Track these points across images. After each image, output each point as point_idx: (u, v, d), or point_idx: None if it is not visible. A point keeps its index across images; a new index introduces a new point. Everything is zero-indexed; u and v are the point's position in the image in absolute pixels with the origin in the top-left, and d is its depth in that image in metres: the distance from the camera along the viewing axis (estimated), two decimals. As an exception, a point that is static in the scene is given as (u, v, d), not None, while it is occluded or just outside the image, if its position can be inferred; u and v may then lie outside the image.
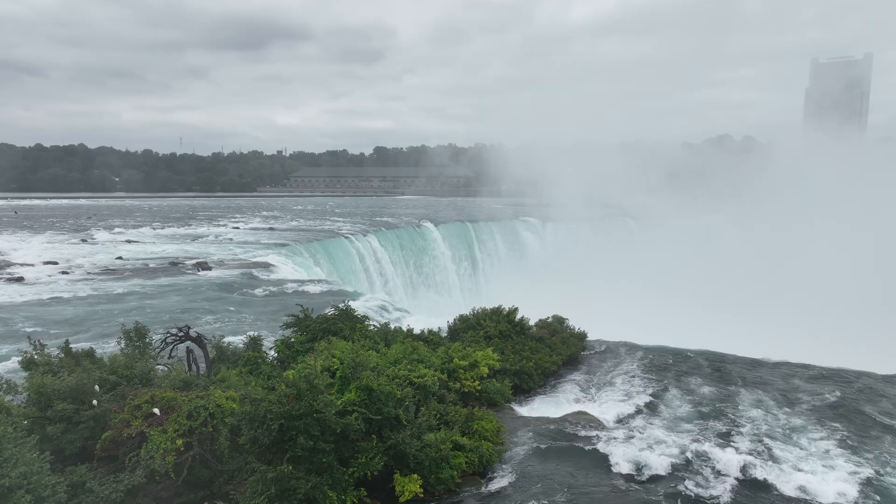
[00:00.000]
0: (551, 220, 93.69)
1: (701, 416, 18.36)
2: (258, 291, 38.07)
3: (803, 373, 24.00)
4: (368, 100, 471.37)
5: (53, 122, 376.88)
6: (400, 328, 21.78)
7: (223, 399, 13.54)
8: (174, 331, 17.84)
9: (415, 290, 67.43)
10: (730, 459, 14.83)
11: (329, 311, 19.55)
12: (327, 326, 18.35)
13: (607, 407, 18.89)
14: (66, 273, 41.83)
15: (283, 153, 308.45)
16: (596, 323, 28.30)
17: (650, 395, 20.18)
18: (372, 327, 20.27)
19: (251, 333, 21.85)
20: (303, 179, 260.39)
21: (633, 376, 22.29)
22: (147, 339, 17.34)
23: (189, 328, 17.87)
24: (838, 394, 21.10)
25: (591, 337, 27.25)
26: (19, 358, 21.24)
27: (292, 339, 18.53)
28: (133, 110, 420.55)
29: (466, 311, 25.93)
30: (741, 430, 17.21)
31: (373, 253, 65.04)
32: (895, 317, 45.68)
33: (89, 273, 42.03)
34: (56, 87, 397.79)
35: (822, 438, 16.84)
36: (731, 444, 16.09)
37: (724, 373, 23.36)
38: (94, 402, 14.15)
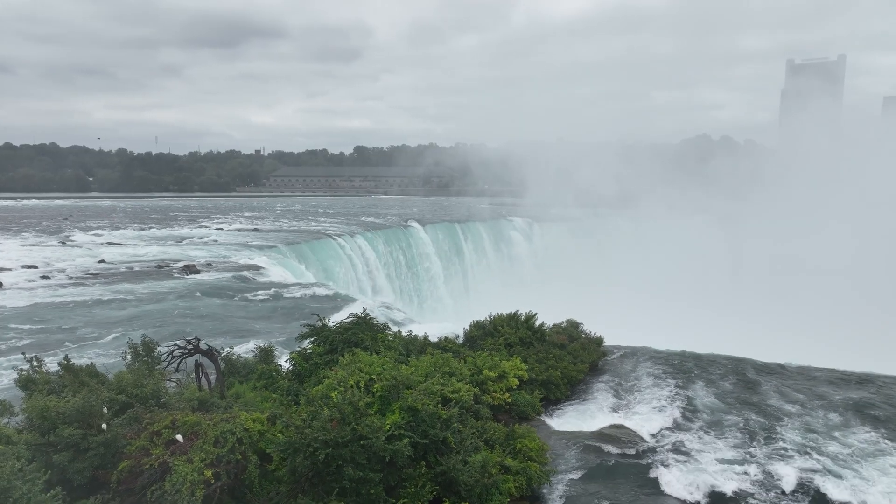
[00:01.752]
0: (537, 219, 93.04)
1: (742, 426, 17.53)
2: (252, 296, 36.62)
3: (829, 377, 23.37)
4: (346, 99, 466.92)
5: (23, 121, 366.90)
6: (417, 337, 20.64)
7: (250, 421, 12.31)
8: (182, 343, 16.49)
9: (403, 293, 66.31)
10: (790, 476, 14.01)
11: (347, 319, 18.31)
12: (348, 337, 17.12)
13: (642, 418, 17.99)
14: (47, 278, 39.89)
15: (262, 153, 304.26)
16: (594, 325, 27.46)
17: (683, 404, 19.34)
18: (389, 337, 19.06)
19: (261, 344, 20.61)
20: (283, 179, 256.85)
21: (660, 384, 21.45)
22: (155, 354, 15.97)
23: (199, 340, 16.51)
24: (873, 397, 20.51)
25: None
26: (10, 374, 19.75)
27: (309, 351, 17.28)
28: (105, 108, 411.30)
29: (455, 313, 24.97)
30: (788, 440, 16.41)
31: (361, 255, 63.83)
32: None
33: (72, 277, 40.14)
34: (25, 84, 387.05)
35: (874, 446, 16.20)
36: (785, 457, 15.28)
37: (750, 378, 22.63)
38: (103, 425, 12.81)
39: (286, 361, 17.84)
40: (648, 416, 18.12)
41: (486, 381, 17.21)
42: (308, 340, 17.73)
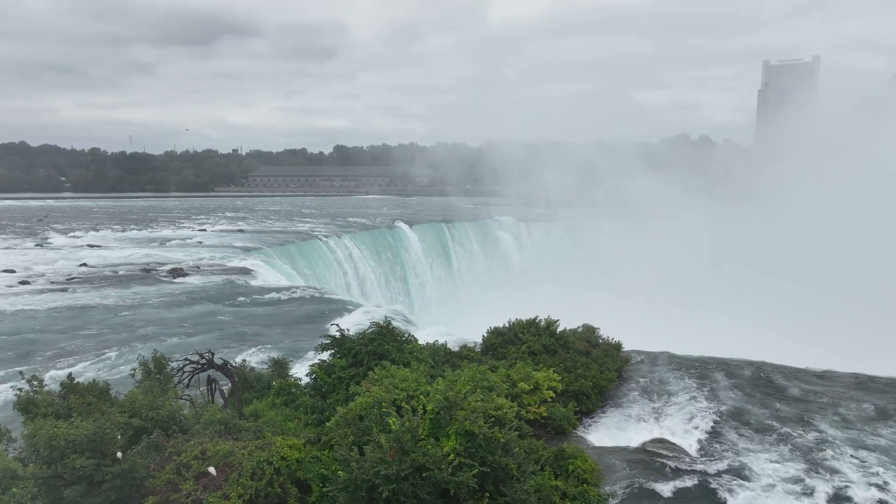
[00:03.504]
0: (523, 219, 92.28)
1: (784, 433, 16.82)
2: (245, 300, 35.16)
3: (852, 381, 22.79)
4: (323, 98, 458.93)
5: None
6: (441, 346, 19.52)
7: (286, 448, 11.12)
8: (194, 357, 15.19)
9: (393, 295, 65.09)
10: (858, 484, 13.23)
11: (368, 329, 17.10)
12: (373, 349, 15.93)
13: (683, 431, 17.14)
14: (27, 283, 37.98)
15: (239, 152, 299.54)
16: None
17: (718, 413, 18.53)
18: (416, 348, 17.88)
19: (270, 354, 19.37)
20: (262, 179, 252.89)
21: (689, 391, 20.63)
22: (168, 370, 14.64)
23: (213, 354, 15.23)
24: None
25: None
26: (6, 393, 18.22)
27: (332, 364, 16.05)
28: (75, 107, 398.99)
29: (444, 315, 23.88)
30: (841, 452, 15.67)
31: (349, 256, 62.53)
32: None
33: (53, 283, 38.25)
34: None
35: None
36: (845, 471, 14.49)
37: (776, 384, 21.93)
38: (118, 454, 11.50)
39: (305, 375, 16.61)
40: (688, 429, 17.26)
41: (520, 395, 16.19)
42: (328, 353, 16.49)
